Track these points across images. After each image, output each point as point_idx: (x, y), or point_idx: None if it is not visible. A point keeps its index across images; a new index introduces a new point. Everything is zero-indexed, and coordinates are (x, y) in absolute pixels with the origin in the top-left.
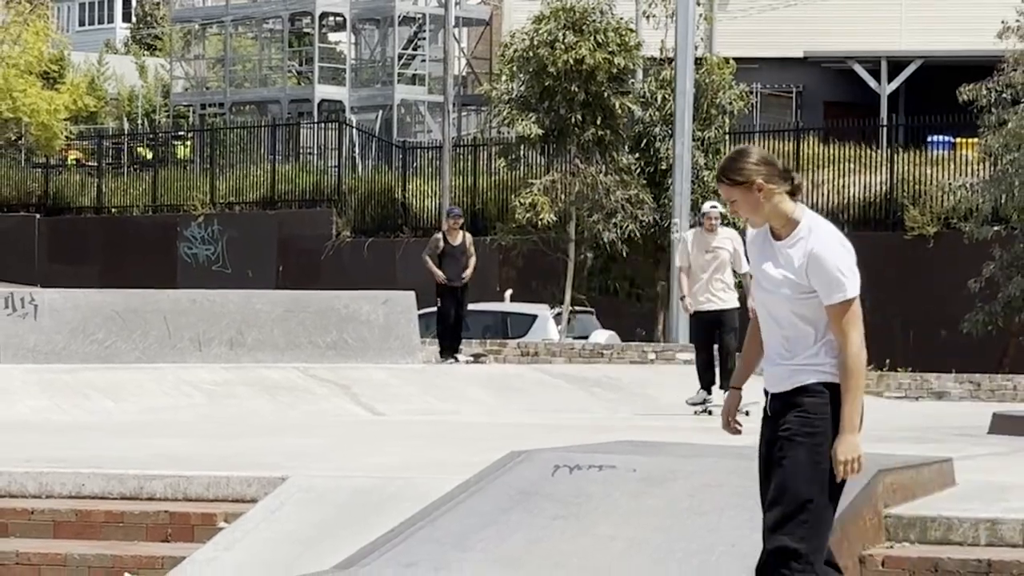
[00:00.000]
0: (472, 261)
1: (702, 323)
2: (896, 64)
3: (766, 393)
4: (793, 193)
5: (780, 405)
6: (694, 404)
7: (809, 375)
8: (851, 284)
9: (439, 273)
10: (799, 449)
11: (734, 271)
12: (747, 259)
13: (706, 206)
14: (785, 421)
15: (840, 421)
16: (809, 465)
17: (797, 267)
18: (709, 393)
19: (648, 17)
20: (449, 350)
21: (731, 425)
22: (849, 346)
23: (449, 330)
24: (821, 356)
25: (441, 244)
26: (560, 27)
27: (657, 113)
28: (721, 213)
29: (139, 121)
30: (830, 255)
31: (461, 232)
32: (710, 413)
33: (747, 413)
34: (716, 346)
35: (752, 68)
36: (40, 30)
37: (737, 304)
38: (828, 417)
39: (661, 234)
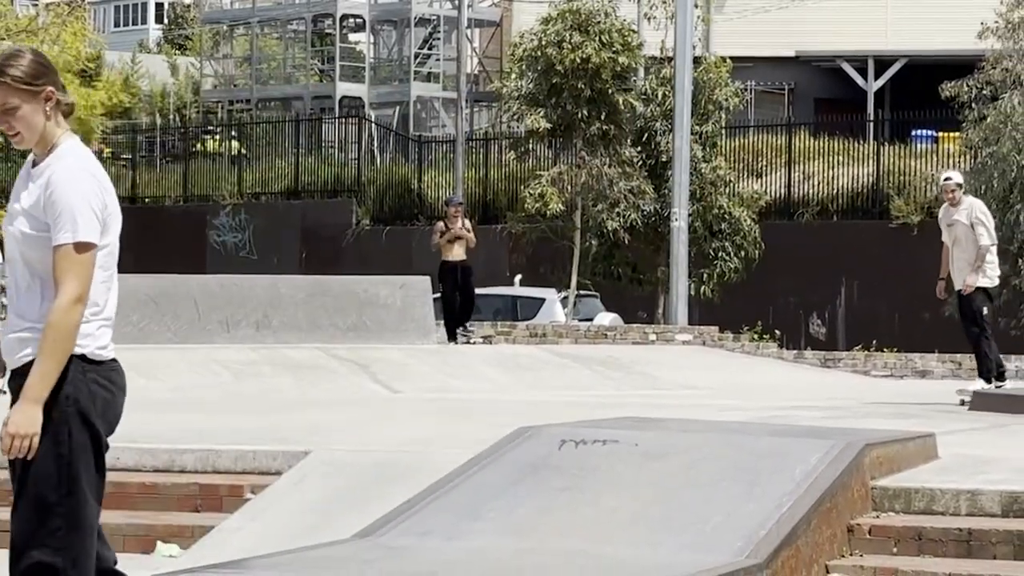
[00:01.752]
0: (471, 236)
1: (958, 307)
2: (882, 63)
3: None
4: (67, 114)
5: (17, 386)
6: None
7: (37, 346)
8: (83, 226)
9: (445, 230)
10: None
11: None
12: (989, 230)
13: (941, 178)
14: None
15: (24, 387)
16: (50, 460)
17: (37, 198)
18: (988, 382)
19: (649, 19)
20: (456, 332)
21: None
22: (60, 297)
23: (454, 314)
24: None
25: (444, 230)
26: (567, 28)
27: (658, 109)
28: (958, 184)
29: (171, 117)
30: (71, 186)
31: (461, 219)
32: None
33: (962, 403)
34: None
35: (747, 67)
36: (78, 31)
37: (983, 284)
38: (66, 397)
39: (661, 223)
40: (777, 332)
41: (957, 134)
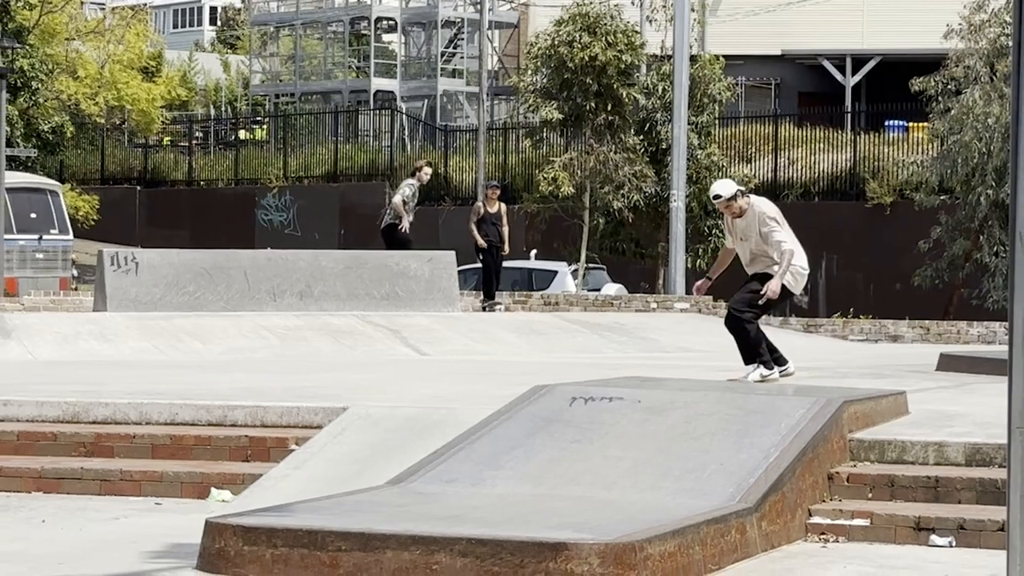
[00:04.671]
0: (506, 230)
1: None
2: (859, 60)
3: None
4: None
5: None
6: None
7: None
8: None
9: (480, 240)
10: None
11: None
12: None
13: (711, 195)
14: None
15: None
16: None
17: None
18: (768, 368)
19: (651, 21)
20: (493, 292)
21: None
22: None
23: (491, 276)
24: None
25: (481, 211)
26: (577, 29)
27: (658, 102)
28: (730, 197)
29: (223, 109)
30: None
31: (498, 203)
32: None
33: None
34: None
35: (738, 64)
36: (140, 32)
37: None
38: None
39: (661, 203)
40: None
41: (925, 124)
